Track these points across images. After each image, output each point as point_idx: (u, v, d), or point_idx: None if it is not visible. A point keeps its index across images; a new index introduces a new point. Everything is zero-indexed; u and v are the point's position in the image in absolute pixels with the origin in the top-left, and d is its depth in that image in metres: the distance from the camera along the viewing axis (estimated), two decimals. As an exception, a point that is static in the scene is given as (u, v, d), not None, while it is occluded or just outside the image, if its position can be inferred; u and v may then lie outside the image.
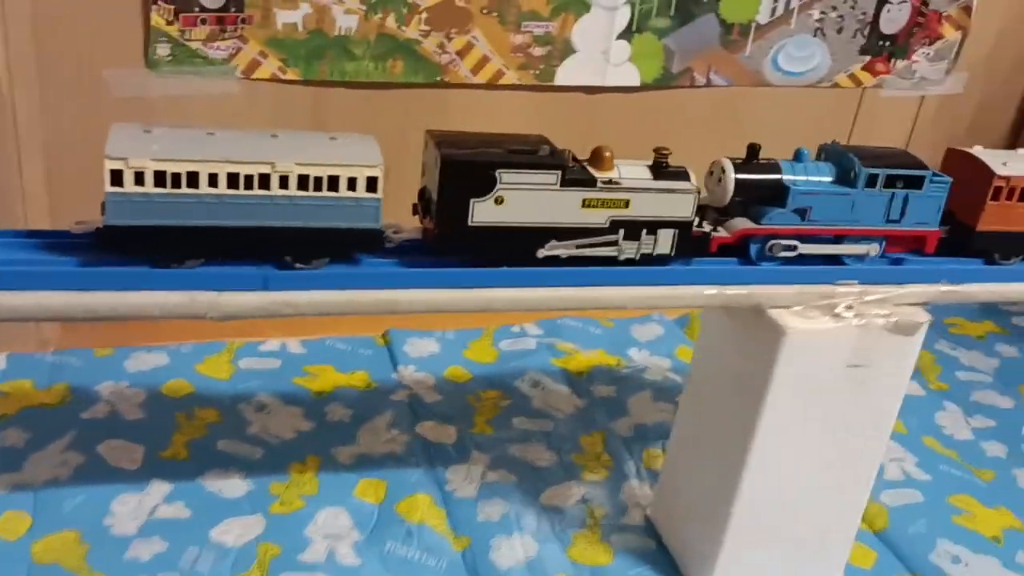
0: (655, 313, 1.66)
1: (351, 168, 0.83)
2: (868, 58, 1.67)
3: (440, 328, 1.52)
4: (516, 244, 0.89)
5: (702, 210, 0.97)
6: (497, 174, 0.86)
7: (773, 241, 0.96)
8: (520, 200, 0.87)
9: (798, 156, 0.99)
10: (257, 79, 1.37)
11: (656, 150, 0.93)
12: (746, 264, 0.97)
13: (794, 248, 0.97)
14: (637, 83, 1.55)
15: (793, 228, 0.97)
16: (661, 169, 0.92)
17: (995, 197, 1.02)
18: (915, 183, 0.98)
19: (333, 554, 1.09)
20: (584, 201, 0.89)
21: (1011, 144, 1.88)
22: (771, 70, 1.62)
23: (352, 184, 0.83)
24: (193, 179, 0.80)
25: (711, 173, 0.98)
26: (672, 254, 0.93)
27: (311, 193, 0.83)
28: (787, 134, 1.76)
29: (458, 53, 1.44)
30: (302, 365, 1.41)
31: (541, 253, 0.90)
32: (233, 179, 0.82)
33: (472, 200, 0.86)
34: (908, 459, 1.36)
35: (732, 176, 0.95)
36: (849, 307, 0.98)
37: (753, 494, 1.02)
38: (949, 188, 0.99)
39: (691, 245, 0.94)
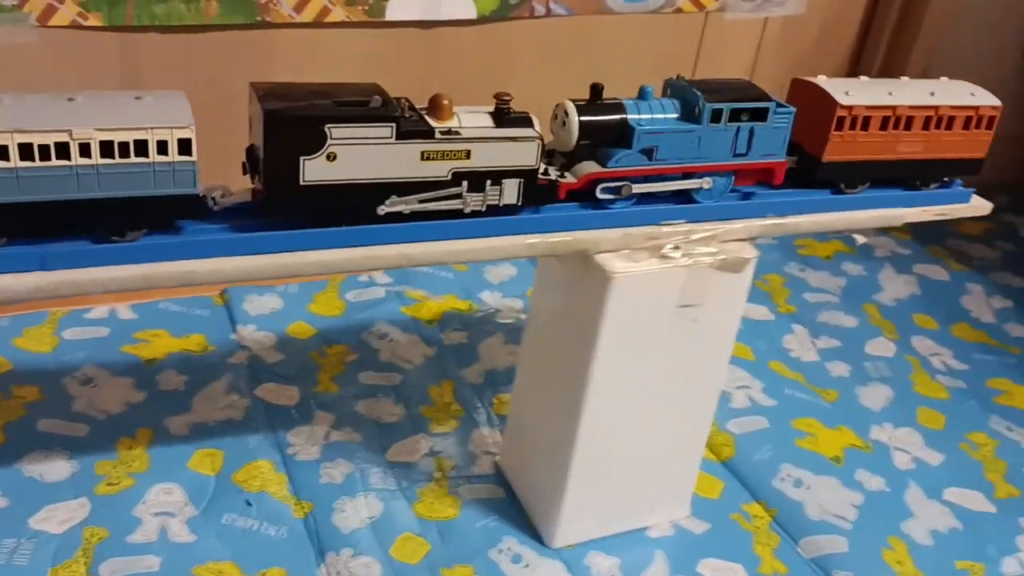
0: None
1: (159, 130, 0.76)
2: (710, -19, 1.65)
3: (283, 283, 1.46)
4: (354, 202, 0.84)
5: (549, 155, 0.95)
6: (327, 129, 0.81)
7: (621, 183, 0.94)
8: (354, 156, 0.82)
9: (642, 94, 0.97)
10: (55, 26, 1.26)
11: (497, 96, 0.89)
12: (594, 208, 0.94)
13: (630, 188, 0.95)
14: (473, 15, 1.49)
15: (640, 169, 0.95)
16: (503, 116, 0.88)
17: (839, 127, 1.01)
18: (760, 115, 0.97)
19: (165, 532, 1.04)
20: (423, 154, 0.85)
21: (854, 65, 1.90)
22: (613, -3, 1.58)
23: (163, 147, 0.77)
24: None
25: (555, 117, 0.95)
26: (520, 203, 0.90)
27: (117, 160, 0.76)
28: (632, 64, 1.75)
29: (279, -10, 1.35)
30: (132, 332, 1.33)
31: (382, 210, 0.86)
32: (26, 150, 0.74)
33: (302, 158, 0.81)
34: (755, 386, 1.38)
35: (576, 119, 0.92)
36: (676, 247, 0.96)
37: (593, 435, 1.02)
38: (794, 118, 0.98)
39: (538, 193, 0.91)
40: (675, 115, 0.97)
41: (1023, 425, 1.38)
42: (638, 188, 0.95)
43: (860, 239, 1.11)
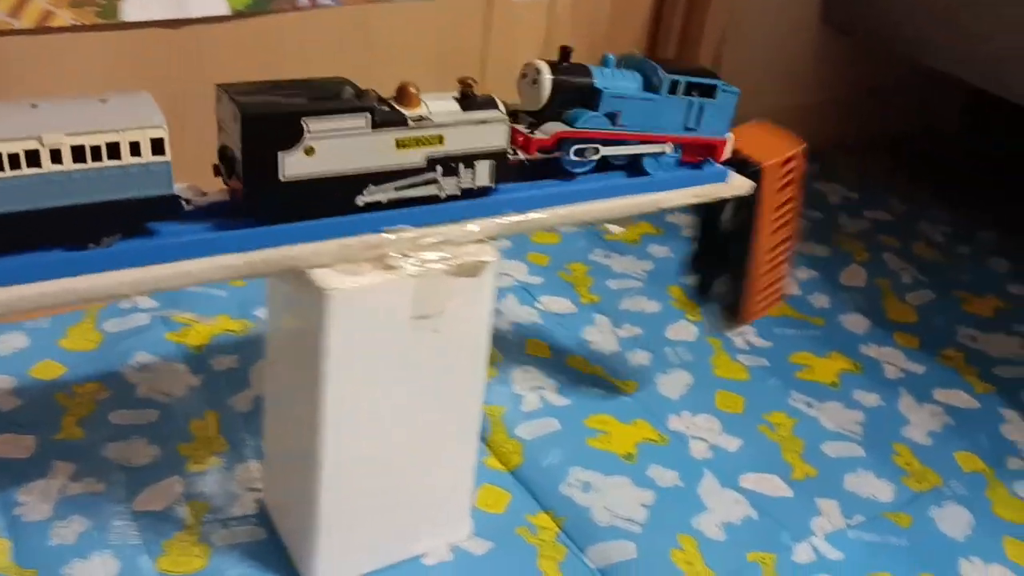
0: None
1: (131, 132, 0.76)
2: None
3: (30, 318, 1.32)
4: (333, 194, 0.85)
5: (514, 115, 0.96)
6: (304, 123, 0.81)
7: (585, 145, 0.97)
8: (331, 148, 0.83)
9: (604, 62, 1.00)
10: None
11: (461, 81, 0.90)
12: (309, 220, 0.86)
13: (597, 151, 0.98)
14: (226, 11, 1.38)
15: (605, 132, 0.98)
16: (469, 100, 0.90)
17: None
18: (709, 92, 1.03)
19: None
20: (398, 142, 0.86)
21: (652, 39, 1.86)
22: (384, -17, 1.49)
23: (135, 149, 0.76)
24: None
25: (524, 76, 0.97)
26: (493, 185, 0.92)
27: (90, 165, 0.75)
28: (416, 53, 1.66)
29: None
30: None
31: (360, 200, 0.87)
32: None
33: (280, 154, 0.81)
34: (549, 386, 1.31)
35: (548, 78, 0.95)
36: (403, 255, 0.88)
37: (340, 462, 0.92)
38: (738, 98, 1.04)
39: (508, 172, 0.93)
40: (635, 84, 1.00)
41: (823, 400, 1.36)
42: (609, 151, 0.98)
43: (615, 229, 1.05)
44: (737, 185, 1.07)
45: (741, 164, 1.10)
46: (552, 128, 0.95)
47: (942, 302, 1.62)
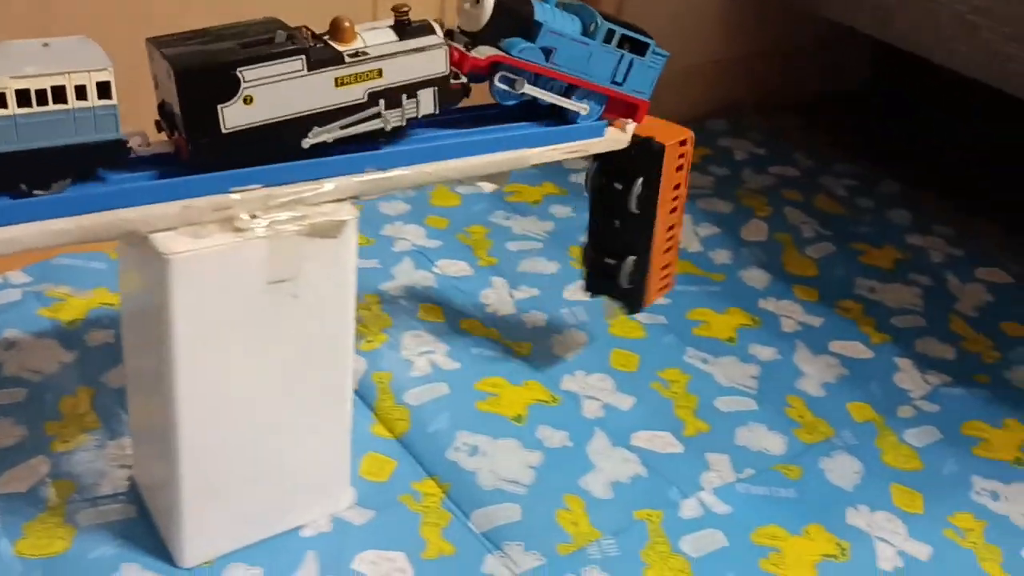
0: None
1: (76, 75, 0.75)
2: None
3: None
4: (278, 140, 0.85)
5: (449, 34, 0.96)
6: (239, 73, 0.81)
7: (516, 76, 0.97)
8: (270, 94, 0.83)
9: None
10: None
11: (394, 9, 0.89)
12: (150, 179, 0.82)
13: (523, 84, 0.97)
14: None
15: (538, 66, 0.97)
16: (404, 28, 0.89)
17: None
18: (640, 49, 1.04)
19: None
20: (337, 80, 0.86)
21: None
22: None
23: (81, 92, 0.76)
24: None
25: None
26: (437, 112, 0.92)
27: (35, 109, 0.74)
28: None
29: None
30: None
31: (306, 143, 0.86)
32: None
33: (220, 106, 0.81)
34: (440, 349, 1.29)
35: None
36: (253, 216, 0.84)
37: (199, 435, 0.89)
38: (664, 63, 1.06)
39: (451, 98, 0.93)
40: (574, 27, 1.00)
41: (719, 355, 1.35)
42: (532, 91, 0.98)
43: (488, 187, 1.02)
44: (613, 139, 1.05)
45: (642, 145, 1.09)
46: (487, 51, 0.95)
47: (842, 255, 1.62)
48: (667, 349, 1.35)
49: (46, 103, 0.75)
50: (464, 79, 0.94)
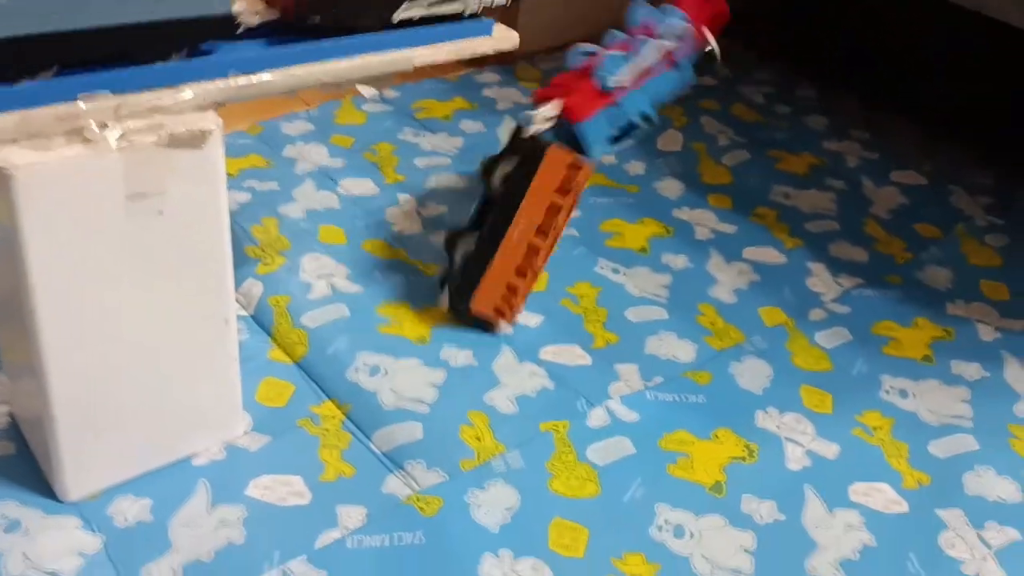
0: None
1: None
2: None
3: None
4: (373, 9, 0.90)
5: None
6: None
7: None
8: None
9: None
10: None
11: None
12: None
13: None
14: None
15: None
16: None
17: None
18: None
19: None
20: None
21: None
22: None
23: None
24: None
25: None
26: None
27: None
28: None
29: None
30: None
31: (396, 17, 0.92)
32: None
33: None
34: (339, 272, 1.24)
35: None
36: (104, 126, 0.79)
37: (68, 365, 0.84)
38: None
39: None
40: None
41: (631, 266, 1.33)
42: None
43: (368, 91, 0.97)
44: (501, 38, 1.00)
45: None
46: None
47: (758, 162, 1.60)
48: (578, 261, 1.32)
49: None
50: None
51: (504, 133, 1.13)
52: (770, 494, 1.01)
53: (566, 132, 1.11)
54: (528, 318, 1.21)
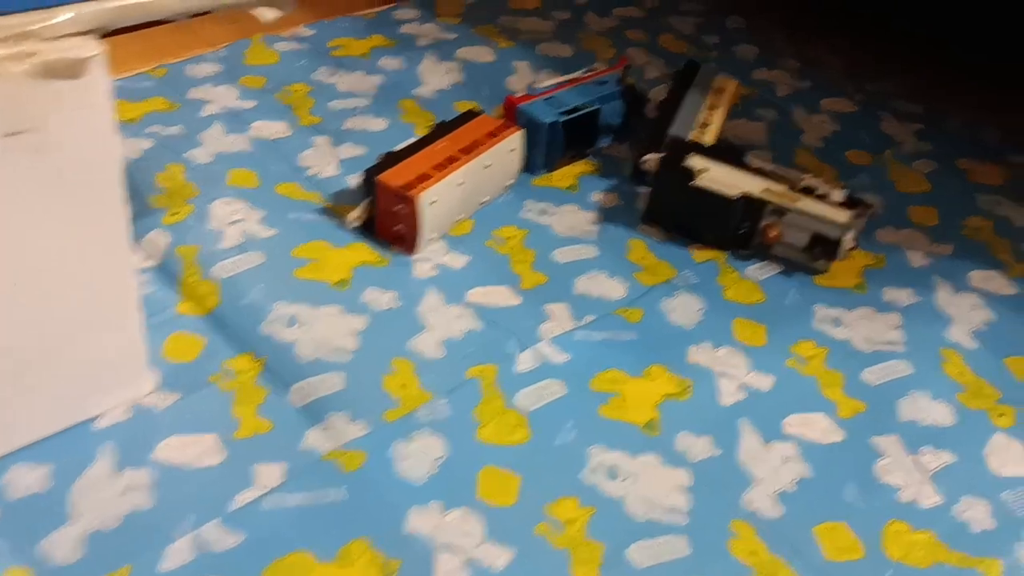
0: None
1: None
2: None
3: None
4: None
5: None
6: None
7: None
8: None
9: None
10: None
11: None
12: None
13: None
14: None
15: None
16: None
17: None
18: None
19: None
20: None
21: None
22: None
23: None
24: None
25: None
26: None
27: None
28: None
29: None
30: None
31: None
32: None
33: None
34: (252, 217, 1.17)
35: None
36: (-37, 56, 0.71)
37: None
38: None
39: None
40: None
41: (560, 204, 1.28)
42: None
43: (269, 14, 0.89)
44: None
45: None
46: None
47: (687, 94, 1.56)
48: (503, 206, 1.26)
49: None
50: None
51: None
52: (705, 430, 0.99)
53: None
54: (454, 259, 1.16)
